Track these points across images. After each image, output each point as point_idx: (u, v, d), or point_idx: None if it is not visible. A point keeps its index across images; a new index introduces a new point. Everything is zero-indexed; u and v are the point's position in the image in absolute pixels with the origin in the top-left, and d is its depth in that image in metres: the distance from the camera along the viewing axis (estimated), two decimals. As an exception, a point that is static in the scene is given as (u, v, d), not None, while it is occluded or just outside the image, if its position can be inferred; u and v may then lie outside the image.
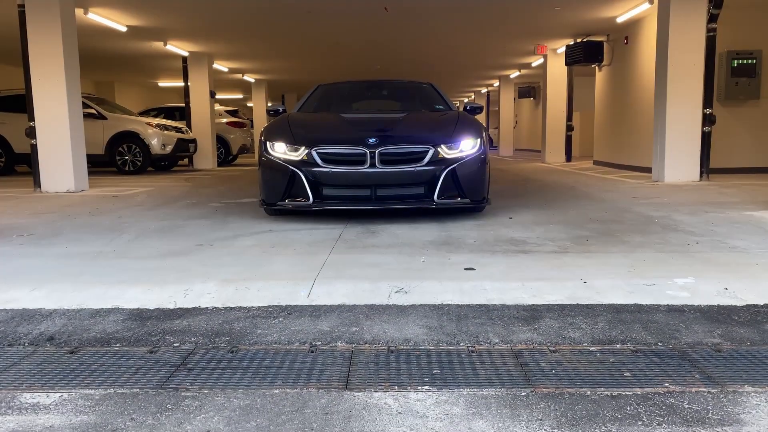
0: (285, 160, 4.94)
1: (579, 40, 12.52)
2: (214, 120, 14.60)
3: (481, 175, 5.10)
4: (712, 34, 8.13)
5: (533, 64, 16.60)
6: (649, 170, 9.45)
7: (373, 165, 4.77)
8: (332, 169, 4.82)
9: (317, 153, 4.84)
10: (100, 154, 12.06)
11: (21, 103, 9.03)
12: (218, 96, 22.59)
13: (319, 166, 4.83)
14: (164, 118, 15.87)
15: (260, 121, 20.15)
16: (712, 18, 8.07)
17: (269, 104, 6.72)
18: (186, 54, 13.87)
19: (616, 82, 12.12)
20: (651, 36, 9.57)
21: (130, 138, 12.14)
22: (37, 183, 8.41)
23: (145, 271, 3.30)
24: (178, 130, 12.88)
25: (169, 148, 12.42)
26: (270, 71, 18.11)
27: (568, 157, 14.63)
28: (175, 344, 2.18)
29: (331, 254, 3.67)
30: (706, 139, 8.34)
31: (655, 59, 8.65)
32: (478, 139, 5.16)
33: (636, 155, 10.92)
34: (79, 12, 9.10)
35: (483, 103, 26.18)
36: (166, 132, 12.43)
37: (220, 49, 13.79)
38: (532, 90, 22.35)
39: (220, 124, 15.36)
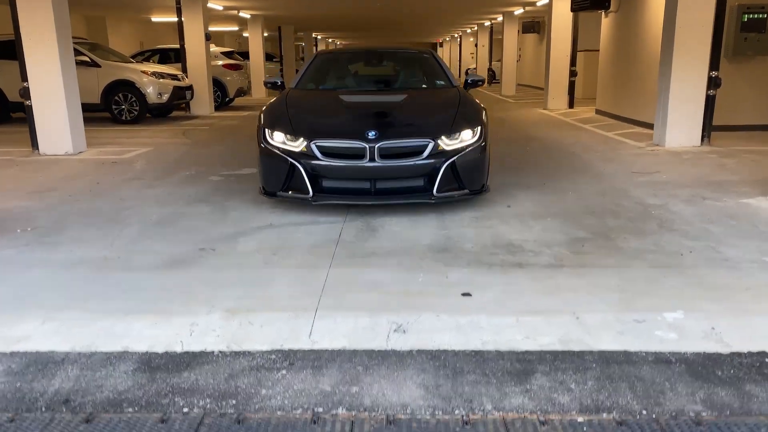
0: (284, 151, 4.93)
1: (586, -15, 12.07)
2: (210, 63, 14.29)
3: (480, 165, 5.11)
4: (722, -5, 7.86)
5: (538, 3, 16.06)
6: (650, 126, 9.36)
7: (372, 159, 4.77)
8: (331, 163, 4.82)
9: (316, 146, 4.83)
10: (96, 103, 11.90)
11: (11, 50, 8.82)
12: (212, 28, 21.94)
13: (319, 159, 4.82)
14: (159, 60, 15.57)
15: (257, 59, 19.69)
16: (724, -23, 7.77)
17: (265, 79, 6.62)
18: (179, -4, 13.39)
19: (622, 31, 11.78)
20: (661, -14, 9.23)
21: (126, 87, 11.94)
22: (34, 144, 8.36)
23: (150, 292, 3.39)
24: (174, 77, 12.63)
25: (165, 97, 12.23)
26: (266, 7, 17.53)
27: (571, 103, 14.42)
28: (184, 410, 2.29)
29: (331, 268, 3.75)
30: (709, 103, 8.23)
31: (663, 10, 8.39)
32: (478, 127, 5.12)
33: (639, 109, 10.78)
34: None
35: (486, 35, 25.49)
36: (161, 80, 12.20)
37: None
38: (537, 24, 21.73)
39: (216, 66, 15.05)
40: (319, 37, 35.95)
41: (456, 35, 34.41)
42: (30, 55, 7.99)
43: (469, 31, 30.34)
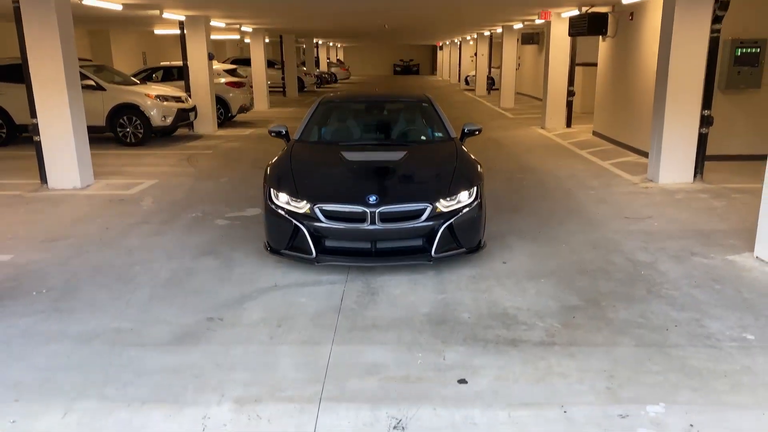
0: (288, 212, 5.14)
1: (584, 10, 12.24)
2: (213, 83, 14.47)
3: (477, 224, 5.31)
4: (715, 35, 8.03)
5: (537, 21, 16.22)
6: (645, 154, 9.58)
7: (373, 222, 4.97)
8: (334, 225, 5.03)
9: (320, 210, 5.03)
10: (101, 126, 12.10)
11: (18, 73, 9.00)
12: (214, 37, 22.09)
13: (321, 222, 5.03)
14: (162, 77, 15.74)
15: (259, 71, 19.86)
16: (716, 19, 7.94)
17: (271, 127, 6.81)
18: (182, 18, 13.56)
19: (619, 56, 11.96)
20: (657, 16, 9.38)
21: (131, 110, 12.13)
22: (43, 178, 8.57)
23: (164, 376, 3.60)
24: (177, 99, 12.82)
25: (169, 120, 12.44)
26: (268, 22, 17.69)
27: (569, 122, 14.60)
28: None
29: (334, 344, 3.97)
30: (702, 141, 8.42)
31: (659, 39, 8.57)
32: (475, 188, 5.33)
33: (634, 136, 10.98)
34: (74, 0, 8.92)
35: (486, 44, 25.63)
36: (165, 103, 12.40)
37: (218, 12, 13.47)
38: (536, 36, 21.88)
39: (218, 84, 15.23)
40: (320, 42, 36.07)
41: (456, 40, 34.51)
42: (38, 91, 8.19)
43: (469, 38, 30.47)
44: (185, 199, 7.90)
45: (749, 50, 9.44)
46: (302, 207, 5.10)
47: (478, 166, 5.73)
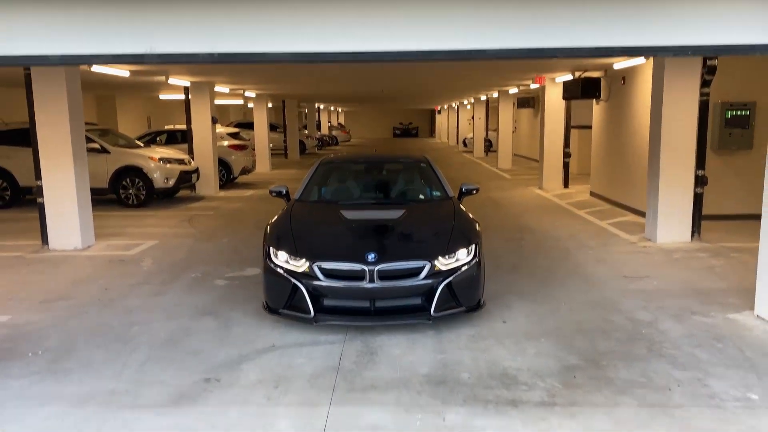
0: (287, 271, 5.16)
1: (577, 75, 12.63)
2: (215, 146, 14.76)
3: (476, 282, 5.32)
4: (705, 98, 8.27)
5: (532, 86, 16.70)
6: (642, 213, 9.66)
7: (372, 280, 4.99)
8: (333, 284, 5.05)
9: (318, 268, 5.06)
10: (104, 188, 12.26)
11: (24, 137, 9.20)
12: (218, 101, 22.67)
13: (320, 280, 5.05)
14: (166, 140, 16.06)
15: (261, 134, 20.27)
16: (705, 83, 8.20)
17: (272, 188, 6.93)
18: (188, 84, 13.97)
19: (613, 119, 12.25)
20: (648, 80, 9.66)
21: (134, 172, 12.33)
22: (44, 239, 8.62)
23: (158, 438, 3.54)
24: (180, 161, 13.04)
25: (171, 182, 12.61)
26: (271, 88, 18.21)
27: (566, 182, 14.79)
28: None
29: (332, 405, 3.91)
30: (697, 200, 8.53)
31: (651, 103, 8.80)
32: (473, 246, 5.37)
33: (631, 196, 11.11)
34: (83, 66, 9.22)
35: (483, 107, 26.24)
36: (168, 165, 12.61)
37: (223, 77, 13.90)
38: (531, 100, 22.42)
39: (221, 147, 15.52)
40: (321, 106, 36.96)
41: (454, 104, 35.37)
42: (44, 155, 8.36)
43: (466, 102, 31.23)
44: (185, 260, 7.92)
45: (739, 112, 9.69)
46: (301, 265, 5.13)
47: (476, 225, 5.79)
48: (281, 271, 5.19)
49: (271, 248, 5.38)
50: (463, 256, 5.25)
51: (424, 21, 4.31)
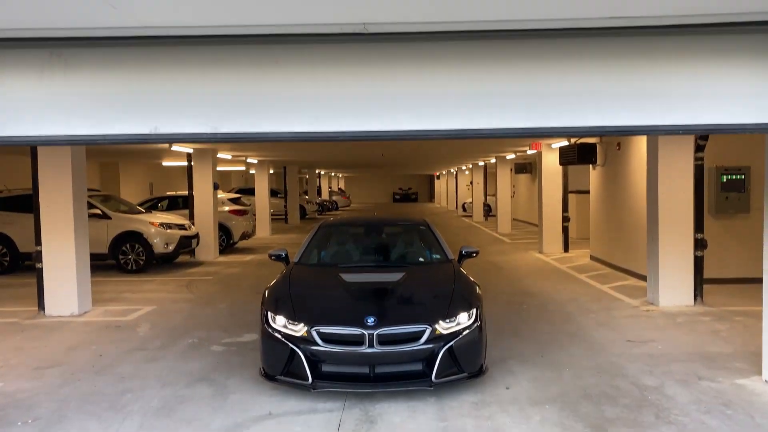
0: (285, 335, 5.09)
1: (573, 141, 12.87)
2: (216, 211, 14.86)
3: (477, 347, 5.24)
4: (699, 162, 8.39)
5: (529, 152, 16.99)
6: (643, 277, 9.60)
7: (371, 345, 4.91)
8: (331, 349, 4.96)
9: (317, 332, 4.99)
10: (103, 253, 12.25)
11: (25, 203, 9.22)
12: (220, 168, 23.02)
13: (318, 345, 4.97)
14: (168, 206, 16.19)
15: (262, 200, 20.46)
16: (699, 148, 8.34)
17: (271, 251, 6.93)
18: (190, 151, 14.22)
19: (610, 183, 12.39)
20: (643, 145, 9.82)
21: (134, 237, 12.35)
22: (41, 305, 8.54)
23: None
24: (181, 227, 13.10)
25: (171, 247, 12.62)
26: (273, 155, 18.53)
27: (566, 246, 14.79)
28: None
29: (330, 476, 3.77)
30: (698, 264, 8.51)
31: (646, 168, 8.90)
32: (474, 309, 5.31)
33: (631, 260, 11.09)
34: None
35: (481, 173, 26.58)
36: (169, 231, 12.65)
37: (226, 145, 14.16)
38: (528, 166, 22.75)
39: (222, 212, 15.62)
40: (322, 171, 37.47)
41: (452, 170, 35.86)
42: (46, 221, 8.39)
43: (464, 167, 31.69)
44: (182, 326, 7.82)
45: (734, 177, 9.81)
46: (299, 330, 5.05)
47: (477, 288, 5.75)
48: (279, 336, 5.11)
49: (269, 312, 5.32)
50: (464, 320, 5.19)
51: (423, 101, 4.34)
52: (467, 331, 5.14)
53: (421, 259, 6.72)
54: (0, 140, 4.39)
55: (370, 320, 4.96)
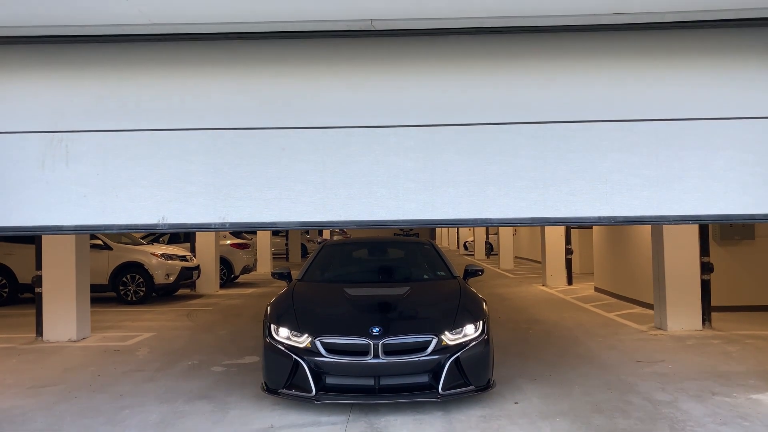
0: (288, 347, 4.97)
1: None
2: (218, 245, 14.78)
3: (485, 360, 5.10)
4: (704, 185, 8.37)
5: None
6: (650, 306, 9.46)
7: (376, 356, 4.79)
8: (336, 360, 4.84)
9: (321, 343, 4.88)
10: (104, 284, 12.13)
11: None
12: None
13: (323, 356, 4.85)
14: (169, 240, 16.12)
15: (264, 236, 20.41)
16: (702, 171, 8.34)
17: (274, 270, 6.87)
18: (193, 182, 14.25)
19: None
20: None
21: (134, 268, 12.25)
22: (39, 331, 8.40)
23: None
24: (182, 258, 13.00)
25: (172, 278, 12.50)
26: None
27: (569, 279, 14.66)
28: None
29: (335, 482, 3.61)
30: (705, 288, 8.40)
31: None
32: (480, 321, 5.20)
33: (636, 289, 10.95)
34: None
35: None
36: (170, 262, 12.56)
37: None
38: (530, 202, 22.73)
39: (223, 245, 15.54)
40: (322, 212, 37.47)
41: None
42: (47, 249, 8.33)
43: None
44: (182, 349, 7.66)
45: (738, 202, 9.77)
46: (303, 341, 4.94)
47: (484, 303, 5.64)
48: (282, 348, 5.00)
49: (271, 325, 5.22)
50: (470, 332, 5.08)
51: (425, 195, 4.39)
52: (474, 342, 5.02)
53: (425, 276, 6.63)
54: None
55: (376, 330, 4.86)
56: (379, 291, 5.89)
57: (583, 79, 4.40)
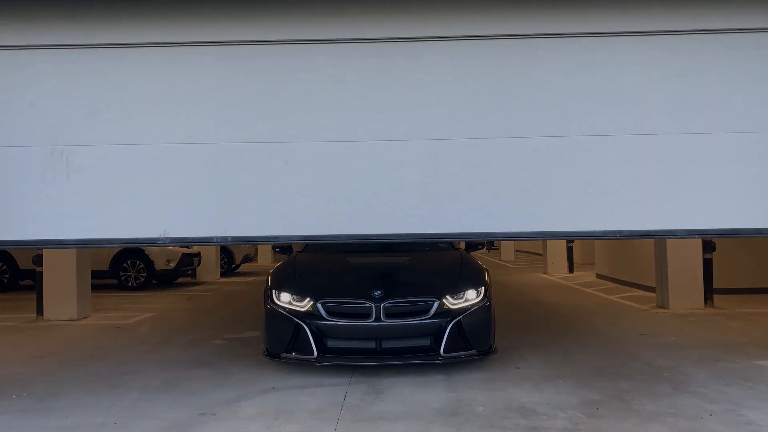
0: (290, 311, 4.96)
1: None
2: (218, 232, 14.74)
3: (486, 325, 5.09)
4: (705, 164, 8.36)
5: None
6: (651, 289, 9.44)
7: (378, 318, 4.78)
8: (337, 323, 4.83)
9: (323, 305, 4.87)
10: (104, 270, 12.10)
11: None
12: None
13: (324, 319, 4.84)
14: (169, 229, 16.08)
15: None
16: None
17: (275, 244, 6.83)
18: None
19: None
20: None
21: (135, 254, 12.23)
22: (39, 310, 8.39)
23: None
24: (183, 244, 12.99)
25: (172, 264, 12.48)
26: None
27: (571, 267, 14.64)
28: None
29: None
30: (707, 266, 8.38)
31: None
32: (482, 287, 5.19)
33: (638, 273, 10.92)
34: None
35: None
36: (170, 247, 12.53)
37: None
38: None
39: (224, 234, 15.50)
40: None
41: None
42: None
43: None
44: (183, 326, 7.65)
45: (739, 184, 9.74)
46: (305, 305, 4.93)
47: (486, 273, 5.61)
48: (284, 312, 4.99)
49: (273, 291, 5.20)
50: (472, 296, 5.07)
51: (429, 209, 4.34)
52: (475, 307, 5.01)
53: (427, 247, 6.59)
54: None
55: (377, 293, 4.85)
56: (381, 259, 5.88)
57: (588, 92, 4.34)
